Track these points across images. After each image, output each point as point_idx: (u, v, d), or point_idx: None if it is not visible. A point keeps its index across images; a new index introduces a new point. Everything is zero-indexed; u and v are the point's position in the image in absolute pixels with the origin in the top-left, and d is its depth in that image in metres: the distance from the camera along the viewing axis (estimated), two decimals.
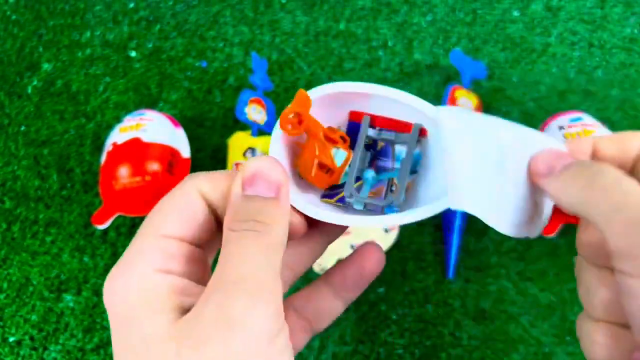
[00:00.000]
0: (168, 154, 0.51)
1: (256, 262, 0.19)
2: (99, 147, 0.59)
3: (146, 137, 0.51)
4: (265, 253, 0.20)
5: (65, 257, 0.54)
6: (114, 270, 0.21)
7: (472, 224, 0.52)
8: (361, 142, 0.29)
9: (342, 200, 0.29)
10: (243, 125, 0.59)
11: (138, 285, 0.20)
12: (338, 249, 0.47)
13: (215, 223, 0.23)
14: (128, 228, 0.54)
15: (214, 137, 0.58)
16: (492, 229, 0.52)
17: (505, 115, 0.57)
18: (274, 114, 0.57)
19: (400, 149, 0.30)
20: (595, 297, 0.22)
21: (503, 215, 0.26)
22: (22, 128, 0.61)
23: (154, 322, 0.20)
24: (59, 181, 0.58)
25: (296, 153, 0.30)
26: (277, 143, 0.29)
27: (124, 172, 0.49)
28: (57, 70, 0.64)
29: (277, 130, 0.29)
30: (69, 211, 0.56)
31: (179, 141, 0.53)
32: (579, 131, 0.49)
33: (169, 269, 0.21)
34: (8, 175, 0.59)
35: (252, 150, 0.53)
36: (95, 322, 0.50)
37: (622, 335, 0.21)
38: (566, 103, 0.57)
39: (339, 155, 0.29)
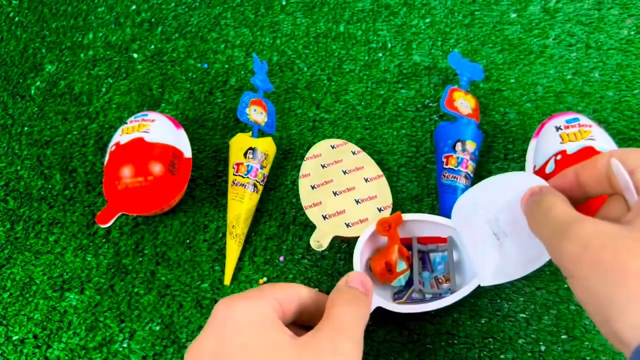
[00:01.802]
0: (170, 154, 0.52)
1: (356, 316, 0.31)
2: (101, 148, 0.59)
3: (148, 138, 0.52)
4: (361, 317, 0.32)
5: (68, 256, 0.54)
6: (233, 298, 0.31)
7: None
8: (415, 254, 0.48)
9: (410, 298, 0.46)
10: (244, 126, 0.60)
11: (262, 309, 0.30)
12: (335, 227, 0.48)
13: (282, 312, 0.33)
14: (130, 227, 0.55)
15: (216, 138, 0.59)
16: None
17: (503, 116, 0.58)
18: (275, 115, 0.58)
19: (434, 255, 0.49)
20: None
21: (513, 267, 0.41)
22: (26, 128, 0.62)
23: (279, 333, 0.29)
24: (62, 181, 0.58)
25: (372, 249, 0.49)
26: (367, 234, 0.47)
27: (126, 172, 0.50)
28: (60, 71, 0.65)
29: (372, 226, 0.47)
30: (72, 211, 0.56)
31: (181, 142, 0.54)
32: (576, 131, 0.49)
33: (280, 314, 0.31)
34: (11, 175, 0.59)
35: (253, 150, 0.53)
36: (98, 320, 0.51)
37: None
38: (563, 104, 0.58)
39: (400, 265, 0.46)
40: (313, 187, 0.51)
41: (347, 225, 0.48)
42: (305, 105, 0.60)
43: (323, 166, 0.52)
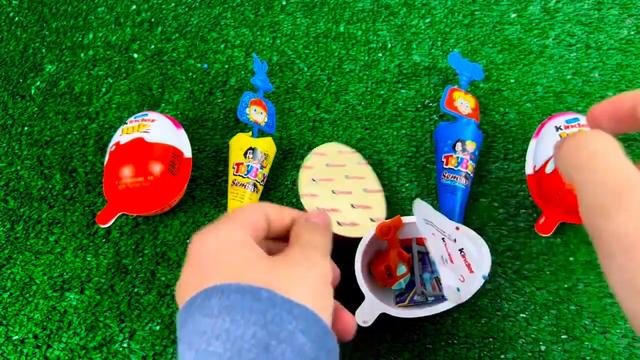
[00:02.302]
0: (170, 154, 0.52)
1: (322, 241, 0.33)
2: (101, 148, 0.59)
3: (148, 138, 0.52)
4: (326, 242, 0.33)
5: (69, 256, 0.54)
6: (205, 230, 0.30)
7: (468, 224, 0.53)
8: (416, 256, 0.49)
9: (412, 301, 0.47)
10: (244, 126, 0.60)
11: (233, 234, 0.30)
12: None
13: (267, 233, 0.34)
14: (130, 227, 0.55)
15: (216, 138, 0.59)
16: (488, 229, 0.53)
17: (503, 116, 0.58)
18: (275, 115, 0.58)
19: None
20: None
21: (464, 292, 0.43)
22: (26, 128, 0.62)
23: (251, 251, 0.30)
24: (62, 181, 0.58)
25: (372, 253, 0.50)
26: (367, 238, 0.47)
27: (127, 172, 0.50)
28: (60, 71, 0.65)
29: (372, 230, 0.47)
30: (72, 211, 0.56)
31: (181, 142, 0.54)
32: (576, 132, 0.49)
33: (252, 234, 0.31)
34: (12, 175, 0.59)
35: (253, 150, 0.53)
36: (98, 320, 0.51)
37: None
38: (563, 104, 0.58)
39: (401, 268, 0.47)
40: (314, 180, 0.51)
41: (339, 224, 0.49)
42: (305, 106, 0.60)
43: (327, 165, 0.53)
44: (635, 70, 0.59)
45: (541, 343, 0.47)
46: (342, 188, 0.51)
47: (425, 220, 0.43)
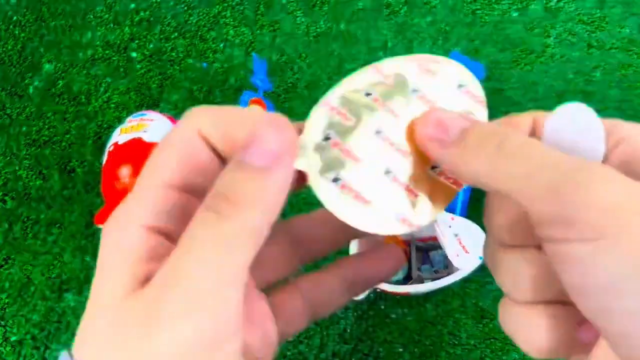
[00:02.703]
0: None
1: (205, 261, 0.16)
2: (100, 148, 0.59)
3: (147, 138, 0.51)
4: (222, 247, 0.16)
5: (67, 256, 0.54)
6: (110, 218, 0.19)
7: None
8: (413, 248, 0.49)
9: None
10: None
11: (118, 239, 0.18)
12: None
13: (221, 165, 0.20)
14: None
15: None
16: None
17: (504, 115, 0.58)
18: None
19: (433, 254, 0.50)
20: (523, 278, 0.19)
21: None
22: (24, 128, 0.61)
23: (113, 284, 0.17)
24: (60, 181, 0.58)
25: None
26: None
27: (125, 172, 0.50)
28: (59, 70, 0.64)
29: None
30: (70, 211, 0.56)
31: None
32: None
33: (157, 226, 0.18)
34: (10, 175, 0.59)
35: None
36: None
37: (562, 312, 0.19)
38: (565, 103, 0.58)
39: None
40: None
41: (345, 193, 0.28)
42: (306, 105, 0.60)
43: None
44: (637, 70, 0.59)
45: None
46: (396, 136, 0.28)
47: None
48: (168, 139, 0.20)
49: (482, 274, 0.50)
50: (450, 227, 0.46)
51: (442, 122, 0.19)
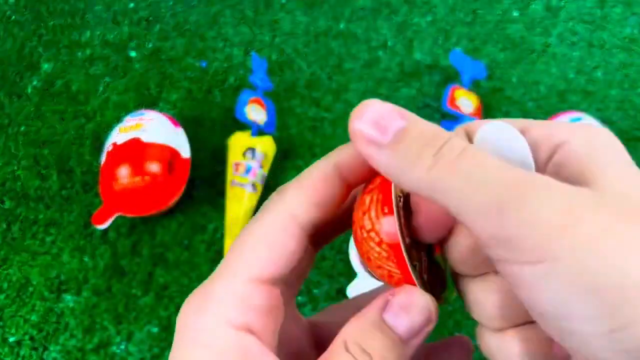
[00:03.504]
0: (168, 154, 0.51)
1: None
2: (98, 147, 0.59)
3: (146, 137, 0.51)
4: None
5: (65, 257, 0.54)
6: (190, 299, 0.19)
7: None
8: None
9: None
10: (243, 125, 0.59)
11: (205, 332, 0.17)
12: None
13: (307, 242, 0.19)
14: (128, 228, 0.54)
15: (214, 137, 0.58)
16: None
17: (505, 115, 0.57)
18: (274, 113, 0.57)
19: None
20: (487, 306, 0.19)
21: None
22: (22, 128, 0.61)
23: None
24: (59, 181, 0.58)
25: None
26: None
27: (123, 172, 0.49)
28: (57, 70, 0.64)
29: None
30: (69, 211, 0.56)
31: (179, 141, 0.53)
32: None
33: (247, 324, 0.17)
34: (8, 175, 0.59)
35: (252, 150, 0.53)
36: (95, 322, 0.50)
37: (534, 333, 0.18)
38: (566, 103, 0.57)
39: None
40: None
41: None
42: (305, 104, 0.60)
43: None
44: (638, 69, 0.59)
45: None
46: None
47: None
48: (259, 228, 0.19)
49: None
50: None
51: (381, 118, 0.16)
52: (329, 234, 0.21)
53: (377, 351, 0.17)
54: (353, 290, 0.42)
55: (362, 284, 0.42)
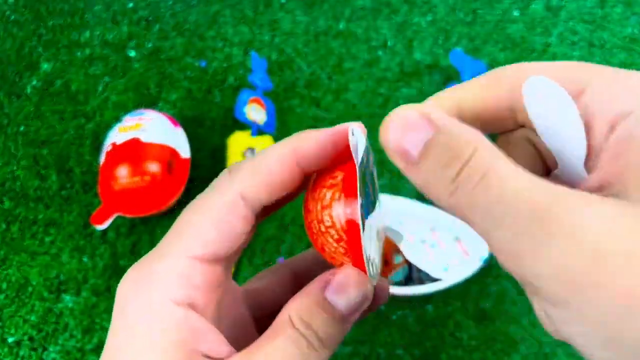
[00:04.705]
0: (167, 154, 0.51)
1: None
2: (98, 147, 0.59)
3: (145, 137, 0.51)
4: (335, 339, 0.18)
5: (65, 257, 0.53)
6: (130, 274, 0.18)
7: None
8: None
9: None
10: (242, 125, 0.59)
11: (149, 309, 0.17)
12: None
13: (254, 221, 0.20)
14: (128, 228, 0.54)
15: (214, 137, 0.58)
16: None
17: None
18: (274, 113, 0.57)
19: None
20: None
21: None
22: (22, 128, 0.61)
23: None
24: (58, 181, 0.57)
25: None
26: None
27: (123, 172, 0.49)
28: (57, 70, 0.64)
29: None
30: (69, 211, 0.56)
31: (179, 141, 0.53)
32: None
33: (190, 300, 0.18)
34: (7, 175, 0.58)
35: (252, 150, 0.53)
36: (94, 322, 0.50)
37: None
38: None
39: (397, 258, 0.45)
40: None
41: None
42: (305, 104, 0.60)
43: None
44: (639, 69, 0.59)
45: (545, 346, 0.46)
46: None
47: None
48: (207, 205, 0.19)
49: (483, 275, 0.50)
50: (449, 231, 0.46)
51: (410, 128, 0.16)
52: (273, 209, 0.22)
53: (321, 327, 0.17)
54: None
55: None
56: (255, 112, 0.54)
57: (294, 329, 0.17)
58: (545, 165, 0.18)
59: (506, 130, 0.19)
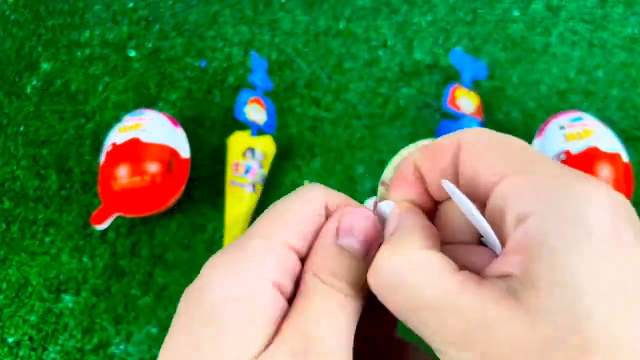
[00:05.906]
0: (167, 154, 0.51)
1: (338, 329, 0.18)
2: (98, 147, 0.59)
3: (145, 137, 0.51)
4: (351, 320, 0.18)
5: (65, 257, 0.53)
6: (218, 262, 0.18)
7: None
8: None
9: None
10: (242, 125, 0.59)
11: (247, 291, 0.17)
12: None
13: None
14: (127, 228, 0.54)
15: (214, 137, 0.58)
16: None
17: (506, 114, 0.57)
18: (274, 113, 0.57)
19: None
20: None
21: None
22: (22, 128, 0.61)
23: (241, 344, 0.17)
24: (58, 181, 0.57)
25: None
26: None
27: (123, 172, 0.49)
28: (56, 70, 0.64)
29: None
30: (68, 211, 0.56)
31: (179, 141, 0.53)
32: (580, 131, 0.48)
33: (281, 284, 0.18)
34: (7, 175, 0.58)
35: (252, 150, 0.53)
36: (94, 322, 0.50)
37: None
38: (566, 103, 0.57)
39: None
40: None
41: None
42: (305, 104, 0.60)
43: None
44: (639, 69, 0.58)
45: None
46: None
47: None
48: (295, 203, 0.20)
49: None
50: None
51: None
52: None
53: (347, 273, 0.18)
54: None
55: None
56: (255, 112, 0.54)
57: (325, 285, 0.18)
58: None
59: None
